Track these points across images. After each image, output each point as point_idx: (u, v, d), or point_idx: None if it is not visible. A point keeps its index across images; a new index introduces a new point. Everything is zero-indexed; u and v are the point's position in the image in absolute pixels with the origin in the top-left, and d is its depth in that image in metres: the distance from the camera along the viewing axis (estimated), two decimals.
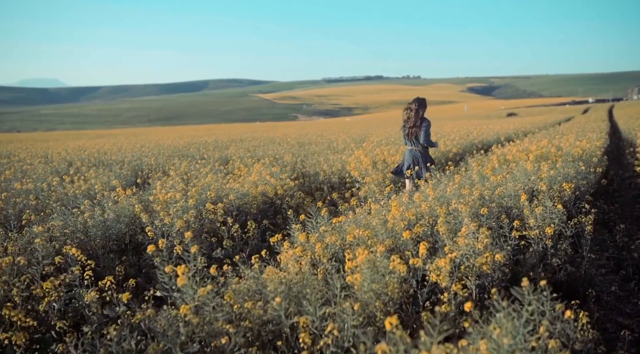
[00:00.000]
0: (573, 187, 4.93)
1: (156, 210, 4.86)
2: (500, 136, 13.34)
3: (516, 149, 8.24)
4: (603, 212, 6.41)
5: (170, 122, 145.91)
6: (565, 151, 7.61)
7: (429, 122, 6.29)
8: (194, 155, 12.81)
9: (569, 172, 5.30)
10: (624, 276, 4.42)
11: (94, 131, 66.13)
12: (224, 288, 2.68)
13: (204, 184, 6.18)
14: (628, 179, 9.66)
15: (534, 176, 5.01)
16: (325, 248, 3.23)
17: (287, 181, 6.71)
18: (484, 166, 6.06)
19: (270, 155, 11.20)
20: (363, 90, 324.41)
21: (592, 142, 9.05)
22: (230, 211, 5.34)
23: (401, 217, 3.69)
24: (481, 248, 2.93)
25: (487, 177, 5.51)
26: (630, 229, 5.98)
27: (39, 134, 59.14)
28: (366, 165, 7.26)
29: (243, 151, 12.66)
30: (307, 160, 9.97)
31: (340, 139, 15.67)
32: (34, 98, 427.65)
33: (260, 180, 6.35)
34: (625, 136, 15.52)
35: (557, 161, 6.36)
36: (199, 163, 9.09)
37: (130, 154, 13.37)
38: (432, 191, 4.30)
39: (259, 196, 5.73)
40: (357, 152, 8.10)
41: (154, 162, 9.97)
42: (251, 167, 8.10)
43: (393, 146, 10.41)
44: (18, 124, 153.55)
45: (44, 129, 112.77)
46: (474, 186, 4.80)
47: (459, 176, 5.25)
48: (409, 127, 6.24)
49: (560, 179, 4.98)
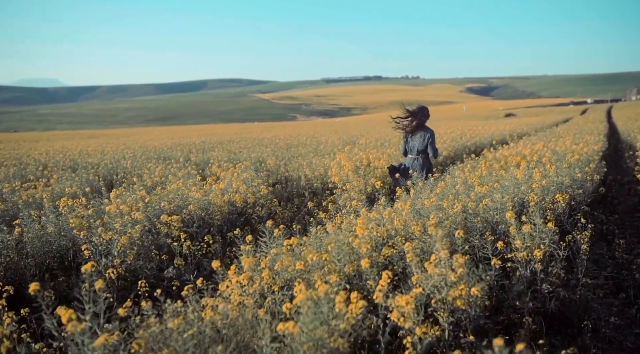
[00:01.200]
0: (568, 198, 4.45)
1: (107, 222, 4.37)
2: (494, 138, 12.86)
3: (508, 153, 7.76)
4: (601, 223, 5.93)
5: (168, 122, 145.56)
6: (560, 155, 7.13)
7: (433, 132, 6.18)
8: (177, 157, 12.33)
9: (563, 181, 4.81)
10: (624, 300, 3.94)
11: (89, 131, 65.60)
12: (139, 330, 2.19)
13: (168, 191, 5.68)
14: (627, 185, 9.19)
15: (525, 185, 4.52)
16: (274, 276, 2.73)
17: (261, 188, 6.21)
18: (471, 173, 5.57)
19: (253, 158, 10.70)
20: (362, 90, 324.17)
21: (590, 146, 8.57)
22: (190, 223, 4.84)
23: (369, 237, 3.20)
24: (454, 279, 2.44)
25: (473, 186, 5.03)
26: (630, 243, 5.50)
27: (33, 134, 58.56)
28: (347, 170, 6.77)
29: (227, 153, 12.17)
30: (289, 163, 9.48)
31: (330, 140, 15.18)
32: (33, 98, 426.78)
33: (229, 187, 5.86)
34: (624, 138, 15.05)
35: (550, 167, 5.87)
36: (174, 167, 8.58)
37: (110, 155, 12.87)
38: (406, 204, 3.80)
39: (226, 205, 5.24)
40: (339, 156, 7.61)
41: (130, 166, 9.46)
42: (227, 171, 7.59)
43: (381, 149, 9.92)
44: (16, 124, 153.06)
45: (42, 129, 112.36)
46: (458, 196, 4.32)
47: (442, 185, 4.76)
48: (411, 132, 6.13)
49: (553, 189, 4.50)
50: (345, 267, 2.75)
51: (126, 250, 3.73)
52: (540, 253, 3.03)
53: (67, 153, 13.94)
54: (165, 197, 5.08)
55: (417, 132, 6.11)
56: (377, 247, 3.33)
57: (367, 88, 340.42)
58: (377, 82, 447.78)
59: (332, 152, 10.83)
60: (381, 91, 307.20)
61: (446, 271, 2.47)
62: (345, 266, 2.76)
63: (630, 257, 4.91)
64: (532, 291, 3.19)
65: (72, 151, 14.82)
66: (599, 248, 5.36)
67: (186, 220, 4.85)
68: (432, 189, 4.92)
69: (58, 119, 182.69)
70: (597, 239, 5.56)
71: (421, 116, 6.13)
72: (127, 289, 3.72)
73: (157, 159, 11.80)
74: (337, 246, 2.92)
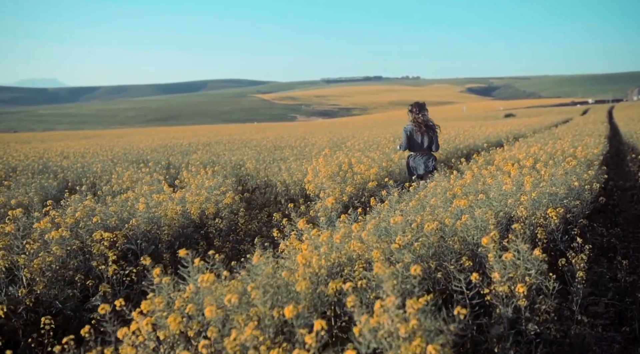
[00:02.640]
0: (563, 212, 3.85)
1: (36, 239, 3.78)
2: (489, 140, 12.26)
3: (501, 157, 7.17)
4: (601, 236, 5.34)
5: (168, 123, 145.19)
6: (557, 160, 6.53)
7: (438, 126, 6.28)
8: (158, 160, 11.75)
9: (557, 192, 4.21)
10: (628, 335, 3.34)
11: (83, 131, 65.09)
12: None
13: (118, 200, 5.09)
14: (630, 191, 8.59)
15: (513, 197, 3.92)
16: (183, 322, 2.15)
17: (227, 196, 5.62)
18: (456, 181, 4.98)
19: (233, 161, 10.12)
20: (362, 90, 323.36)
21: (589, 149, 7.97)
22: (134, 240, 4.25)
23: (318, 265, 2.61)
24: (405, 334, 1.85)
25: (457, 196, 4.44)
26: (634, 260, 4.90)
27: (30, 134, 58.07)
28: (323, 176, 6.18)
29: (208, 156, 11.59)
30: (269, 167, 8.89)
31: (320, 142, 14.59)
32: (33, 98, 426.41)
33: (192, 196, 5.26)
34: (626, 139, 14.44)
35: (545, 174, 5.28)
36: (143, 171, 7.99)
37: (88, 158, 12.31)
38: (358, 226, 3.19)
39: (178, 217, 4.64)
40: (315, 162, 7.02)
41: (99, 170, 8.88)
42: (196, 177, 7.01)
43: (367, 152, 9.33)
44: (16, 124, 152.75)
45: (42, 129, 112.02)
46: (436, 211, 3.73)
47: (421, 194, 4.17)
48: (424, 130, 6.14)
49: (545, 201, 3.90)
50: (273, 311, 2.16)
51: (36, 277, 3.14)
52: (524, 289, 2.44)
53: (45, 155, 13.37)
54: (92, 212, 4.46)
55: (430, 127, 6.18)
56: (328, 277, 2.75)
57: (367, 88, 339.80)
58: (377, 82, 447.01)
59: (317, 155, 10.24)
60: (381, 92, 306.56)
61: (394, 323, 1.88)
62: (273, 310, 2.16)
63: (634, 279, 4.31)
64: (516, 332, 2.60)
65: (51, 153, 14.24)
66: (599, 266, 4.76)
67: (130, 236, 4.26)
68: (410, 198, 4.34)
69: (57, 120, 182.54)
70: (596, 256, 4.96)
71: (424, 114, 6.21)
72: (37, 324, 3.15)
73: (135, 163, 11.23)
74: (268, 282, 2.33)
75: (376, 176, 6.57)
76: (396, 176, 7.23)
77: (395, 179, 7.24)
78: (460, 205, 3.41)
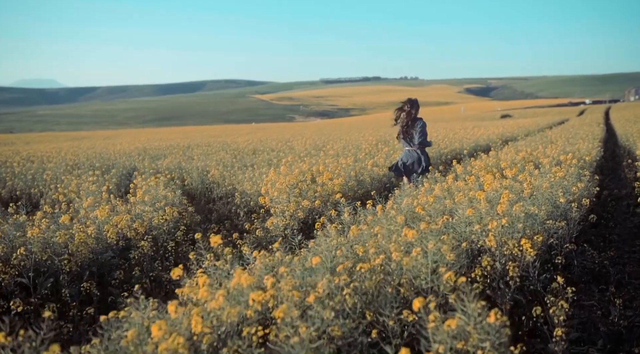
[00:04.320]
0: (542, 241, 3.14)
1: None
2: (479, 143, 11.55)
3: (483, 165, 6.47)
4: (592, 258, 4.63)
5: (166, 123, 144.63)
6: (545, 169, 5.82)
7: (424, 122, 6.25)
8: (126, 165, 11.04)
9: (538, 214, 3.49)
10: None
11: (76, 132, 64.25)
12: None
13: None
14: (625, 200, 7.87)
15: (481, 222, 3.20)
16: None
17: (165, 212, 4.90)
18: (424, 197, 4.26)
19: (200, 167, 9.39)
20: (360, 91, 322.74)
21: (582, 155, 7.28)
22: (25, 272, 3.53)
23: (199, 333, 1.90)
24: None
25: (420, 216, 3.73)
26: (630, 289, 4.18)
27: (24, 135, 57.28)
28: (277, 190, 5.46)
29: (178, 161, 10.87)
30: (236, 175, 8.17)
31: (304, 145, 13.87)
32: (32, 98, 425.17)
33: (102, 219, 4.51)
34: (623, 142, 13.74)
35: (527, 187, 4.58)
36: (89, 180, 7.25)
37: (55, 163, 11.58)
38: (268, 275, 2.49)
39: (92, 240, 3.92)
40: (272, 171, 6.28)
41: (49, 178, 8.14)
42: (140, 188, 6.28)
43: (342, 157, 8.61)
44: (14, 125, 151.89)
45: (40, 130, 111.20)
46: (379, 244, 3.01)
47: (363, 223, 3.45)
48: (402, 127, 6.21)
49: (522, 226, 3.18)
50: None
51: None
52: None
53: (9, 160, 12.62)
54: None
55: (412, 125, 6.18)
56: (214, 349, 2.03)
57: (366, 89, 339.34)
58: (376, 82, 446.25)
59: (293, 161, 9.51)
60: (380, 92, 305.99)
61: None
62: None
63: (631, 316, 3.60)
64: None
65: (18, 157, 13.49)
66: (589, 297, 4.05)
67: (19, 266, 3.54)
68: (365, 218, 3.62)
69: (56, 120, 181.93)
70: (586, 284, 4.25)
71: (411, 108, 6.16)
72: None
73: (99, 169, 10.52)
74: None
75: (342, 187, 5.86)
76: (367, 186, 6.52)
77: (366, 189, 6.53)
78: (409, 237, 2.69)
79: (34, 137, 45.59)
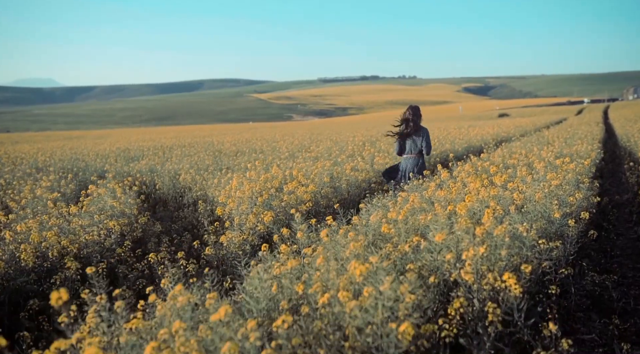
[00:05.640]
0: (530, 271, 2.53)
1: None
2: (472, 144, 10.93)
3: (471, 169, 5.87)
4: (592, 281, 4.03)
5: (163, 123, 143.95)
6: (539, 175, 5.21)
7: (428, 130, 6.31)
8: (98, 168, 10.43)
9: (527, 235, 2.88)
10: None
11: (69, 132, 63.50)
12: None
13: None
14: (627, 206, 7.28)
15: (452, 252, 2.58)
16: None
17: (102, 226, 4.28)
18: (395, 210, 3.64)
19: (171, 171, 8.77)
20: (358, 90, 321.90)
21: (581, 158, 6.67)
22: None
23: None
24: None
25: (388, 236, 3.13)
26: (636, 320, 3.57)
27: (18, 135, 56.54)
28: (238, 199, 4.84)
29: (153, 164, 10.24)
30: (208, 180, 7.54)
31: (288, 145, 13.23)
32: (29, 98, 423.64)
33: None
34: (623, 143, 13.14)
35: (519, 195, 3.97)
36: (43, 186, 6.62)
37: (26, 165, 10.97)
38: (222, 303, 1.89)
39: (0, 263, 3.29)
40: (234, 180, 5.65)
41: (4, 182, 7.51)
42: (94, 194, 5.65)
43: (320, 161, 7.99)
44: (10, 124, 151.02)
45: (37, 129, 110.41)
46: (327, 278, 2.40)
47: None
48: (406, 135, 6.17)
49: (505, 253, 2.57)
50: None
51: None
52: None
53: None
54: None
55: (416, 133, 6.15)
56: None
57: (364, 88, 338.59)
58: (374, 82, 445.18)
59: (271, 164, 8.89)
60: (378, 91, 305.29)
61: None
62: None
63: None
64: None
65: None
66: (588, 329, 3.44)
67: None
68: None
69: (53, 119, 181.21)
70: (585, 312, 3.65)
71: (414, 117, 6.15)
72: None
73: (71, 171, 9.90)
74: None
75: (313, 196, 5.25)
76: (343, 193, 5.90)
77: (343, 198, 5.92)
78: (356, 274, 2.07)
79: (26, 136, 44.88)
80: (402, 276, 2.29)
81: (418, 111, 6.27)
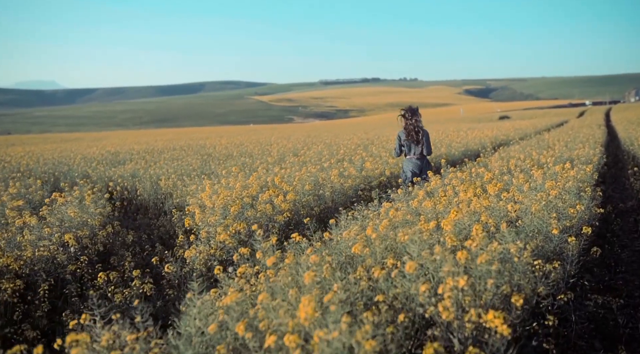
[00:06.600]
0: (522, 304, 2.13)
1: None
2: (470, 147, 10.51)
3: (464, 176, 5.47)
4: (595, 303, 3.62)
5: (164, 125, 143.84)
6: (537, 183, 4.81)
7: (428, 132, 6.30)
8: (80, 172, 10.05)
9: (520, 257, 2.47)
10: None
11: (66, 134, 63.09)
12: None
13: None
14: (632, 214, 6.86)
15: (427, 283, 2.18)
16: None
17: (52, 241, 3.88)
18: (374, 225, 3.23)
19: (153, 176, 8.38)
20: (359, 92, 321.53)
21: (582, 163, 6.26)
22: None
23: None
24: None
25: (360, 258, 2.74)
26: None
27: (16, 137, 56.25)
28: (209, 209, 4.44)
29: (137, 168, 9.85)
30: (189, 186, 7.15)
31: (280, 149, 12.84)
32: (29, 100, 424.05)
33: None
34: (626, 147, 12.71)
35: (512, 210, 3.57)
36: (8, 192, 6.22)
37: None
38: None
39: None
40: (207, 188, 5.26)
41: None
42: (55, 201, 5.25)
43: (309, 165, 7.59)
44: (11, 127, 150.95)
45: (38, 131, 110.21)
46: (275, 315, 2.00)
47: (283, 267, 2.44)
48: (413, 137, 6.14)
49: (491, 283, 2.17)
50: None
51: None
52: None
53: None
54: None
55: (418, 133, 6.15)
56: None
57: (365, 90, 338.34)
58: (375, 84, 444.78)
59: (257, 167, 8.49)
60: (379, 93, 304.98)
61: None
62: None
63: None
64: None
65: None
66: None
67: None
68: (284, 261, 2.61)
69: (54, 122, 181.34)
70: (588, 341, 3.24)
71: (417, 122, 6.14)
72: None
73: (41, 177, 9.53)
74: None
75: (293, 205, 4.85)
76: (327, 201, 5.50)
77: (327, 206, 5.52)
78: (305, 316, 1.65)
79: (25, 139, 44.54)
80: (367, 312, 1.89)
81: (417, 113, 6.20)
